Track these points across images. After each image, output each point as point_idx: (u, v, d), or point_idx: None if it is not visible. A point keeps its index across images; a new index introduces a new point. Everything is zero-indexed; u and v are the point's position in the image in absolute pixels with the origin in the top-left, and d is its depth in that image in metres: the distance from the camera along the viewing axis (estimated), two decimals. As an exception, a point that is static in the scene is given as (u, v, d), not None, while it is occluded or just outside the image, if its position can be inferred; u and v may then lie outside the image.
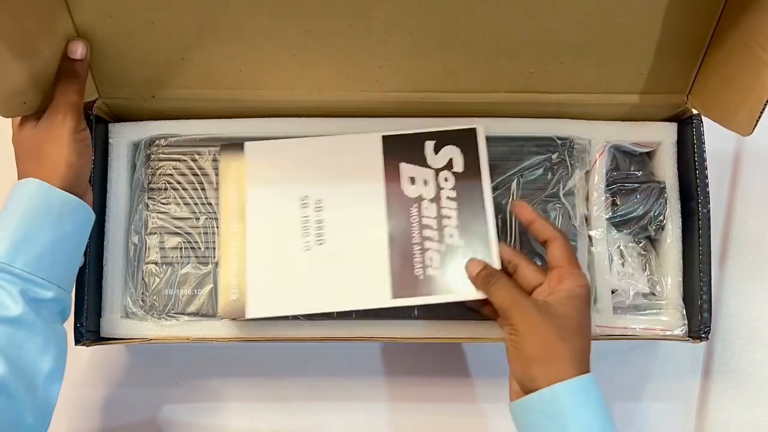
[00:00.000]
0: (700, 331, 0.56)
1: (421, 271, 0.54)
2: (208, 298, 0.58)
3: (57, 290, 0.48)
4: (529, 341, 0.47)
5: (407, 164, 0.56)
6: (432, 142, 0.56)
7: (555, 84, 0.57)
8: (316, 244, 0.55)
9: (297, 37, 0.53)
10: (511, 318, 0.48)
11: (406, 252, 0.54)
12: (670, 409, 0.65)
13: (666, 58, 0.55)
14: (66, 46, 0.51)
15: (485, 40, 0.53)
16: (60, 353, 0.48)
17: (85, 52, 0.52)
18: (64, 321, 0.51)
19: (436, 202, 0.55)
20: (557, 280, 0.49)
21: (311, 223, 0.55)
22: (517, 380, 0.48)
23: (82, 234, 0.52)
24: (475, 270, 0.52)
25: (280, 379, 0.65)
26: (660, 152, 0.61)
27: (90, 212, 0.52)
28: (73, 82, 0.51)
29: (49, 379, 0.47)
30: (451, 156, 0.56)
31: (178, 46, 0.54)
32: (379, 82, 0.56)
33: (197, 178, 0.59)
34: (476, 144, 0.56)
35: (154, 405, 0.64)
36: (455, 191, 0.55)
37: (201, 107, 0.59)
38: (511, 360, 0.49)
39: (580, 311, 0.48)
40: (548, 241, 0.51)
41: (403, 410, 0.65)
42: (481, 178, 0.55)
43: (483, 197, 0.54)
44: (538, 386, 0.45)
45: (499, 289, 0.50)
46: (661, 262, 0.60)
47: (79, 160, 0.50)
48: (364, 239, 0.55)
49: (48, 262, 0.48)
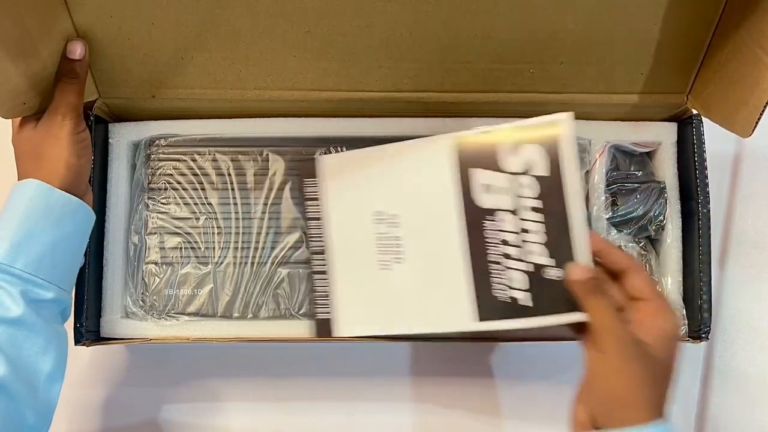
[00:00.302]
0: (700, 331, 0.56)
1: (506, 292, 0.47)
2: (208, 298, 0.58)
3: (57, 291, 0.48)
4: (616, 377, 0.41)
5: (480, 170, 0.48)
6: (507, 142, 0.47)
7: (555, 84, 0.57)
8: (395, 262, 0.53)
9: (297, 38, 0.53)
10: (605, 345, 0.42)
11: (485, 271, 0.48)
12: (670, 410, 0.65)
13: (666, 59, 0.55)
14: (65, 46, 0.51)
15: (485, 41, 0.53)
16: (61, 353, 0.48)
17: (84, 52, 0.52)
18: (65, 321, 0.51)
19: (517, 212, 0.47)
20: (650, 315, 0.43)
21: (388, 240, 0.53)
22: (589, 410, 0.43)
23: (82, 234, 0.52)
24: (582, 275, 0.43)
25: (280, 379, 0.65)
26: (660, 152, 0.61)
27: (90, 212, 0.52)
28: (72, 82, 0.51)
29: (50, 380, 0.47)
30: (532, 157, 0.46)
31: (178, 47, 0.54)
32: (379, 82, 0.56)
33: (197, 178, 0.59)
34: (561, 141, 0.44)
35: (154, 405, 0.64)
36: (540, 200, 0.45)
37: (201, 107, 0.59)
38: (588, 387, 0.44)
39: (674, 356, 0.43)
40: (626, 271, 0.44)
41: (403, 410, 0.65)
42: (566, 183, 0.44)
43: (568, 206, 0.44)
44: (613, 425, 0.41)
45: (605, 309, 0.42)
46: (661, 262, 0.60)
47: (78, 161, 0.50)
48: (441, 257, 0.50)
49: (48, 263, 0.48)
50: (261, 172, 0.60)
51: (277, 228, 0.59)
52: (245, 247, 0.59)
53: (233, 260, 0.58)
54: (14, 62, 0.47)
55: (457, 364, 0.66)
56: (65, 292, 0.50)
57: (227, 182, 0.59)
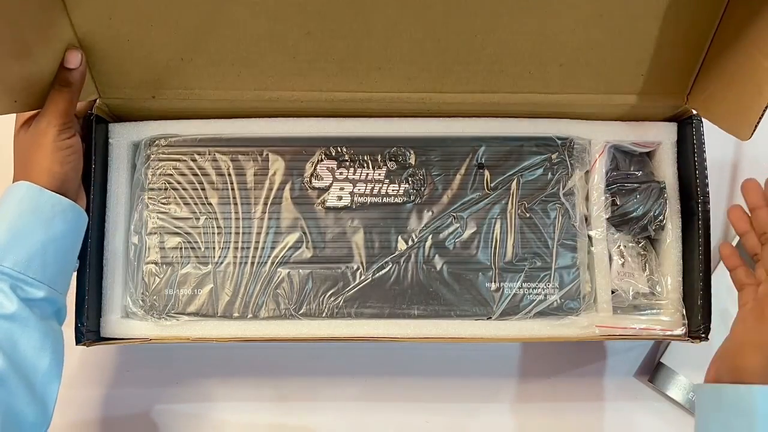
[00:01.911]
0: (700, 331, 0.56)
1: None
2: (208, 298, 0.58)
3: (49, 290, 0.48)
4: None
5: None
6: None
7: (555, 85, 0.57)
8: None
9: (297, 40, 0.53)
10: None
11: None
12: (670, 409, 0.65)
13: (666, 61, 0.55)
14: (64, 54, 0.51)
15: (485, 42, 0.53)
16: (57, 351, 0.48)
17: (79, 61, 0.51)
18: (62, 323, 0.51)
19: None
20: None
21: None
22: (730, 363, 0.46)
23: (74, 236, 0.52)
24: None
25: (279, 379, 0.65)
26: (660, 152, 0.61)
27: (82, 214, 0.52)
28: (63, 90, 0.51)
29: (48, 377, 0.47)
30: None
31: (178, 49, 0.54)
32: (378, 84, 0.56)
33: (197, 178, 0.59)
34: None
35: (154, 405, 0.64)
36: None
37: (201, 107, 0.59)
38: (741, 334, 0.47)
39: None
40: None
41: (403, 410, 0.65)
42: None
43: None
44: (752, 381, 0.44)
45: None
46: (661, 262, 0.60)
47: (61, 169, 0.50)
48: None
49: (39, 263, 0.48)
50: (261, 172, 0.60)
51: (277, 228, 0.59)
52: (245, 247, 0.59)
53: (233, 260, 0.58)
54: (7, 62, 0.47)
55: (457, 364, 0.66)
56: (58, 293, 0.50)
57: (227, 182, 0.59)
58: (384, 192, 0.59)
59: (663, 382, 0.64)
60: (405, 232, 0.59)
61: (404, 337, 0.57)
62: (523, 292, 0.58)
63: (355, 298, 0.58)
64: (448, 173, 0.60)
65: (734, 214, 0.54)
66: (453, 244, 0.59)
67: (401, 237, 0.59)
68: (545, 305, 0.58)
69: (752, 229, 0.51)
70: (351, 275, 0.58)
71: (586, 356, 0.66)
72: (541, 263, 0.58)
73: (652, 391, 0.65)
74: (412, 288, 0.58)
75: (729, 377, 0.44)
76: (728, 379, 0.44)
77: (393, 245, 0.59)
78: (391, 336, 0.57)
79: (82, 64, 0.52)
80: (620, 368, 0.66)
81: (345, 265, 0.58)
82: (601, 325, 0.57)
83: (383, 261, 0.58)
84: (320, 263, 0.59)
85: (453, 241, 0.59)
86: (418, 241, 0.59)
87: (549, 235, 0.59)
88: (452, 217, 0.59)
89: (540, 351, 0.66)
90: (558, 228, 0.59)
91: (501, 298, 0.58)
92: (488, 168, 0.60)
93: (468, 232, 0.59)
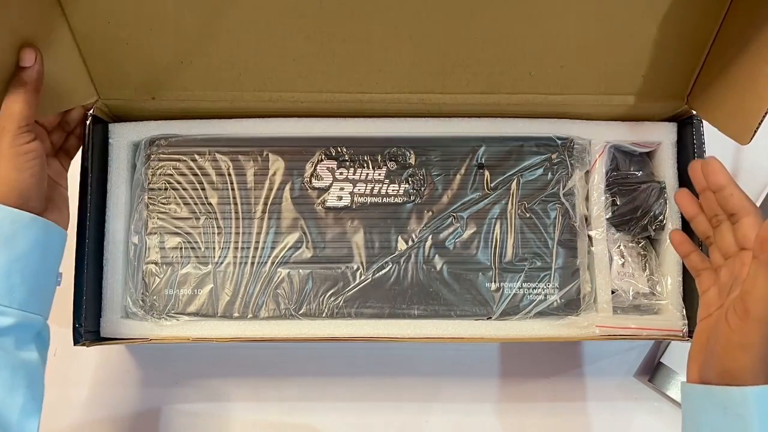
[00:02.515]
0: (700, 331, 0.56)
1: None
2: (208, 298, 0.58)
3: (20, 315, 0.44)
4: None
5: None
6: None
7: (555, 86, 0.57)
8: None
9: (296, 43, 0.53)
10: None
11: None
12: (670, 409, 0.65)
13: (666, 63, 0.55)
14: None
15: (485, 44, 0.53)
16: (33, 384, 0.44)
17: (34, 59, 0.47)
18: (46, 346, 0.48)
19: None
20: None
21: None
22: (718, 365, 0.42)
23: (43, 252, 0.47)
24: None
25: (280, 379, 0.65)
26: (660, 152, 0.61)
27: (50, 227, 0.48)
28: (19, 91, 0.46)
29: (24, 413, 0.43)
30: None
31: (178, 51, 0.54)
32: (379, 85, 0.56)
33: (197, 178, 0.59)
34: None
35: (154, 405, 0.64)
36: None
37: (201, 108, 0.58)
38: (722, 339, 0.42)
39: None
40: (742, 215, 0.44)
41: (403, 410, 0.65)
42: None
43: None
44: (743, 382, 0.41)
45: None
46: (661, 262, 0.60)
47: (19, 176, 0.45)
48: None
49: (4, 287, 0.43)
50: (261, 172, 0.60)
51: (277, 228, 0.59)
52: (245, 247, 0.59)
53: (233, 260, 0.59)
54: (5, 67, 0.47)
55: (457, 364, 0.66)
56: (35, 316, 0.46)
57: (227, 182, 0.59)
58: (384, 192, 0.59)
59: (663, 382, 0.64)
60: (405, 232, 0.59)
61: (404, 337, 0.57)
62: (523, 292, 0.58)
63: (355, 298, 0.58)
64: (448, 173, 0.60)
65: (682, 198, 0.50)
66: (453, 244, 0.59)
67: (401, 237, 0.59)
68: (545, 305, 0.58)
69: (702, 212, 0.48)
70: (351, 275, 0.58)
71: (586, 356, 0.66)
72: (541, 263, 0.58)
73: (652, 391, 0.65)
74: (412, 288, 0.58)
75: (718, 380, 0.42)
76: (717, 381, 0.43)
77: (393, 245, 0.59)
78: (391, 336, 0.57)
79: (38, 63, 0.47)
80: (620, 368, 0.66)
81: (345, 265, 0.58)
82: (601, 325, 0.57)
83: (383, 261, 0.58)
84: (320, 263, 0.59)
85: (453, 241, 0.59)
86: (418, 241, 0.59)
87: (549, 235, 0.59)
88: (452, 217, 0.59)
89: (540, 351, 0.66)
90: (558, 228, 0.59)
91: (501, 298, 0.58)
92: (488, 168, 0.60)
93: (468, 232, 0.59)
